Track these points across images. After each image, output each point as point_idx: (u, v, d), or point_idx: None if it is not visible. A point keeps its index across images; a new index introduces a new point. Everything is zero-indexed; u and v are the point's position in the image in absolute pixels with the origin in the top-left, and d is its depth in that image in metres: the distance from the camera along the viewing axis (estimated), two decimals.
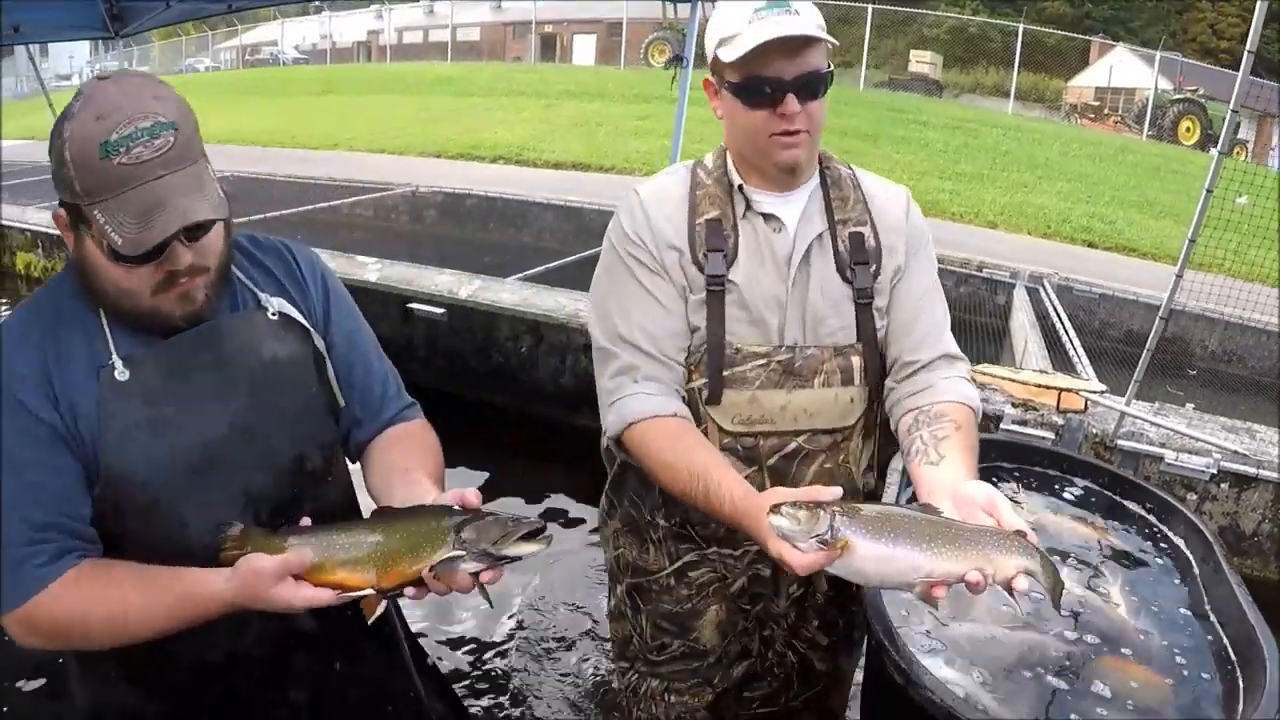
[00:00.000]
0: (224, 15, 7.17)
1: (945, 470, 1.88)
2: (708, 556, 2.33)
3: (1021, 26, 29.88)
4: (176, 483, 1.71)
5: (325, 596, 1.62)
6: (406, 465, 1.89)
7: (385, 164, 16.18)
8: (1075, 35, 34.05)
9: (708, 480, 1.93)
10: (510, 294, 6.54)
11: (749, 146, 2.08)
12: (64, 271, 1.76)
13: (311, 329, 1.92)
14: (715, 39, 2.01)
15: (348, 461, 2.07)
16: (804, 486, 1.94)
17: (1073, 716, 2.00)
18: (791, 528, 1.61)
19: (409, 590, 1.64)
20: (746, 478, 2.07)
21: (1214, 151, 4.50)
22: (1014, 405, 4.93)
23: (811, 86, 1.97)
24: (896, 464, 2.48)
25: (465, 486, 1.76)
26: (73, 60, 39.12)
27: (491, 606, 2.19)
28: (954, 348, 2.21)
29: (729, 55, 1.94)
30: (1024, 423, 4.75)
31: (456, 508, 1.65)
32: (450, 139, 18.46)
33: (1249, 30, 4.23)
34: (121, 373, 1.67)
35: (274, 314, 1.86)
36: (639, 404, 2.07)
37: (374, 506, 1.81)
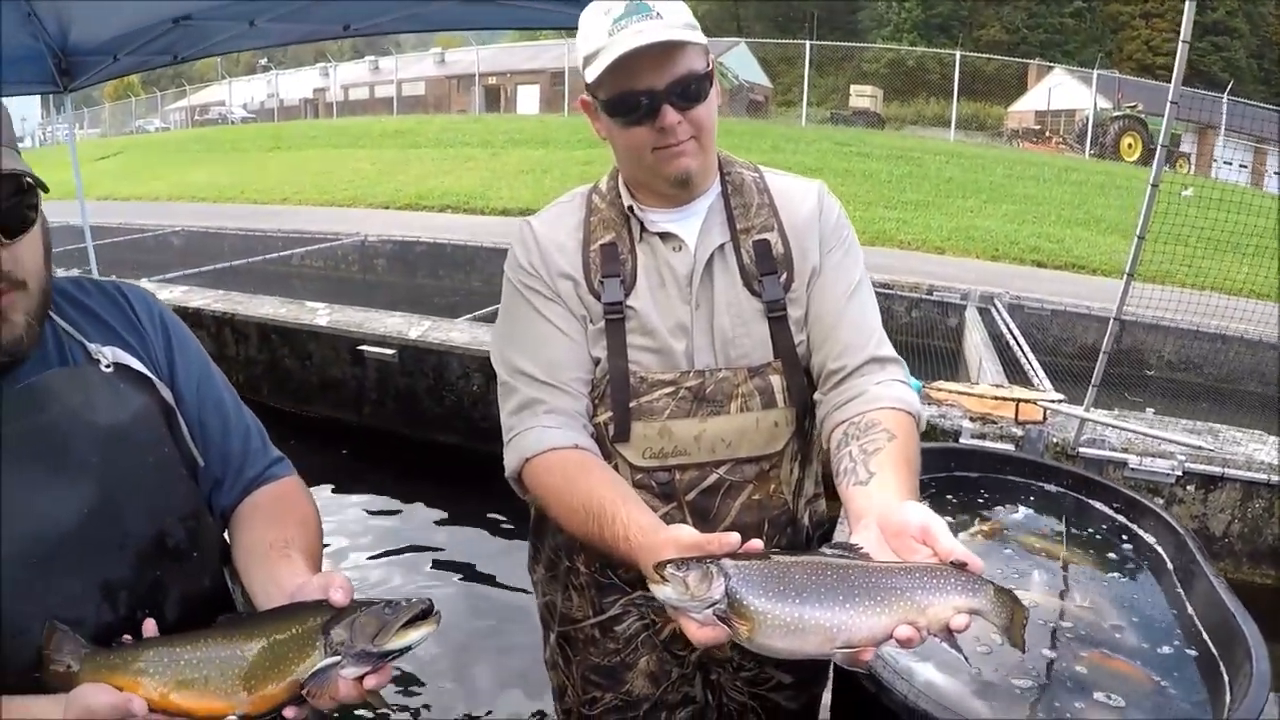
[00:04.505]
0: (170, 66, 7.17)
1: (875, 491, 1.63)
2: (634, 602, 2.14)
3: (958, 55, 30.24)
4: (9, 582, 1.41)
5: None
6: (274, 538, 1.63)
7: (334, 216, 16.18)
8: (1012, 60, 34.69)
9: (603, 515, 1.72)
10: (461, 333, 6.47)
11: (635, 165, 1.92)
12: None
13: (156, 379, 1.64)
14: (581, 57, 1.85)
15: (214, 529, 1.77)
16: (719, 529, 1.80)
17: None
18: (680, 598, 1.34)
19: (287, 712, 1.37)
20: (664, 516, 1.91)
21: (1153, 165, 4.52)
22: (971, 420, 4.89)
23: (689, 91, 1.80)
24: None
25: (419, 528, 1.52)
26: (24, 123, 39.38)
27: (391, 710, 1.80)
28: (885, 350, 1.97)
29: (594, 73, 1.79)
30: (982, 436, 4.71)
31: (324, 602, 1.40)
32: (398, 190, 18.49)
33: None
34: None
35: (108, 365, 1.57)
36: (537, 438, 1.90)
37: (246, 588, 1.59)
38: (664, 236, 1.97)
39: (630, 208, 1.98)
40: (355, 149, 25.25)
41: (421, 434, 6.63)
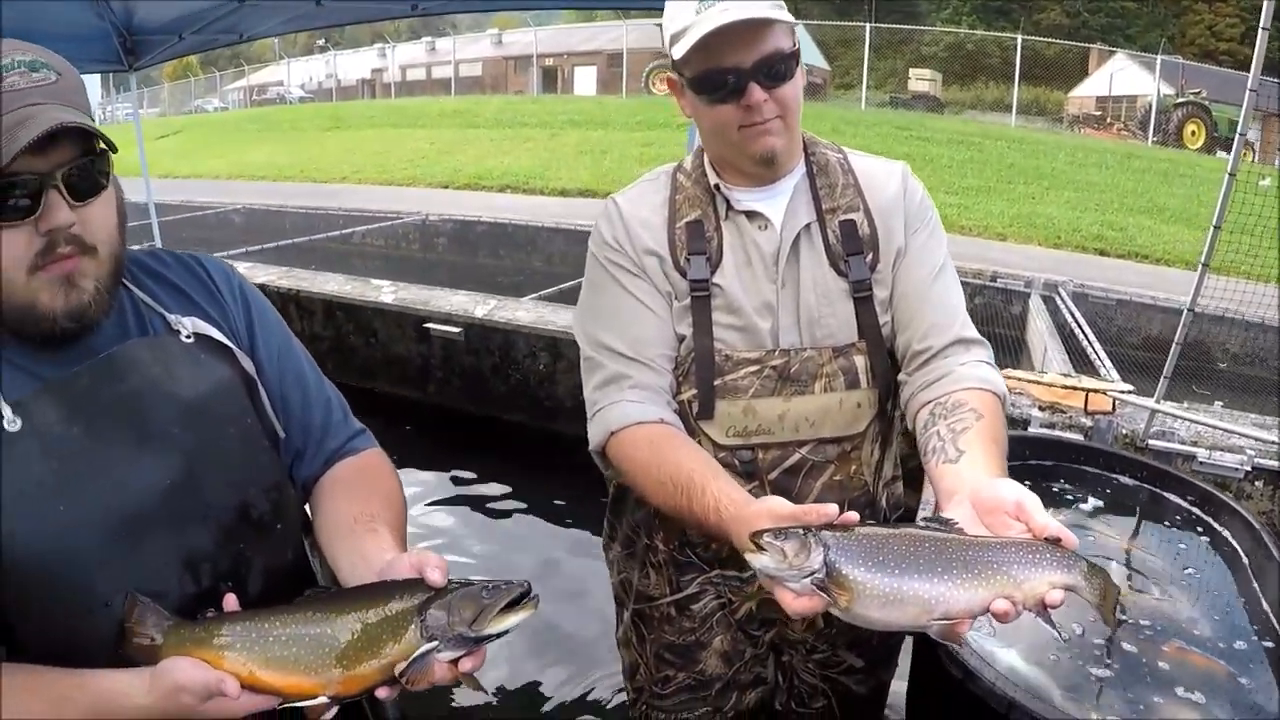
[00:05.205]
0: (234, 45, 7.26)
1: (965, 468, 1.63)
2: (711, 580, 2.17)
3: (1019, 39, 29.75)
4: (92, 554, 1.39)
5: (262, 703, 1.34)
6: (359, 512, 1.61)
7: (394, 195, 16.30)
8: (1074, 44, 34.09)
9: (691, 488, 1.74)
10: (526, 312, 6.52)
11: (720, 143, 1.95)
12: None
13: (237, 349, 1.63)
14: (668, 35, 1.86)
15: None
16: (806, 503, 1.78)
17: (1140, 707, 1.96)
18: (778, 567, 1.36)
19: (380, 692, 1.34)
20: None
21: (1221, 153, 4.45)
22: (1040, 409, 4.86)
23: (776, 70, 1.81)
24: None
25: (484, 506, 1.47)
26: None
27: (486, 692, 1.78)
28: (970, 331, 1.98)
29: (681, 50, 1.80)
30: (1052, 425, 4.68)
31: (417, 581, 1.37)
32: (458, 169, 18.58)
33: (1249, 30, 4.17)
34: (11, 422, 1.36)
35: (188, 335, 1.57)
36: (622, 411, 1.92)
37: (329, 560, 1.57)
38: (750, 215, 1.99)
39: (716, 186, 2.00)
40: (413, 129, 25.35)
41: (486, 412, 6.69)
